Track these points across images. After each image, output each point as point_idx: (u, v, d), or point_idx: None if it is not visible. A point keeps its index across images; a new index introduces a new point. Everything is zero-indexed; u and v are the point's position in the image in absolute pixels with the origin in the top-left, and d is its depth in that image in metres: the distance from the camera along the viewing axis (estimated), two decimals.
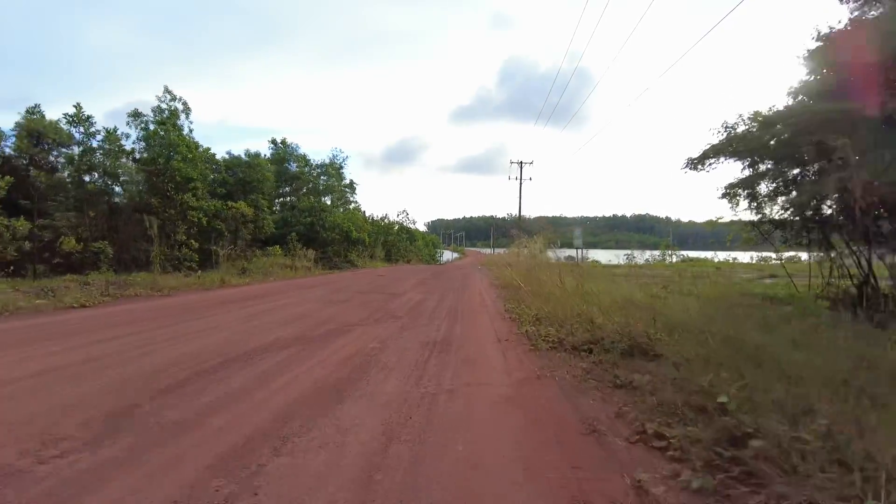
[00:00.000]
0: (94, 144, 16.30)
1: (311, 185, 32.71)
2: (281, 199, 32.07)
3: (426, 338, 5.85)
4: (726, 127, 10.31)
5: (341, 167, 40.33)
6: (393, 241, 42.28)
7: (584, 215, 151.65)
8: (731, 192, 11.61)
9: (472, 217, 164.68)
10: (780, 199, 10.98)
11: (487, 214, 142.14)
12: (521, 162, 33.84)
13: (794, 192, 9.95)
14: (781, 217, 11.28)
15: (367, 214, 45.50)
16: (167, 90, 19.41)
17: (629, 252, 41.77)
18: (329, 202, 35.74)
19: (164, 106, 19.29)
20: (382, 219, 43.54)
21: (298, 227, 30.44)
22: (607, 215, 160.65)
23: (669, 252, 42.38)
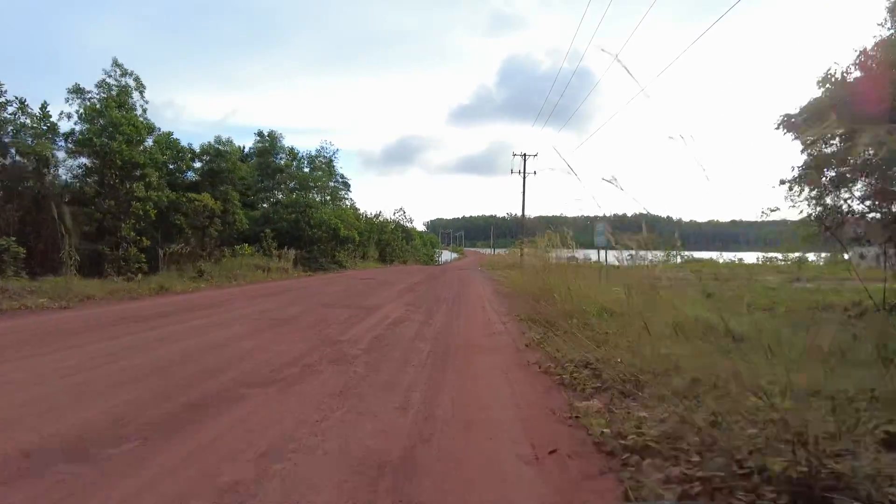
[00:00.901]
0: (6, 117, 13.03)
1: (296, 180, 29.44)
2: (263, 193, 28.83)
3: (371, 443, 2.56)
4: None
5: (331, 160, 37.18)
6: (387, 240, 39.01)
7: (585, 215, 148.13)
8: (802, 176, 8.91)
9: (471, 217, 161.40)
10: (854, 186, 8.91)
11: (487, 214, 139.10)
12: (525, 154, 30.66)
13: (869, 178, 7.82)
14: (853, 208, 9.07)
15: (360, 211, 42.20)
16: (116, 63, 16.17)
17: (631, 251, 44.45)
18: (318, 198, 32.51)
19: (111, 81, 16.07)
20: (376, 216, 40.25)
21: (281, 225, 27.30)
22: (607, 215, 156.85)
23: (675, 252, 44.00)
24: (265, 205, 28.29)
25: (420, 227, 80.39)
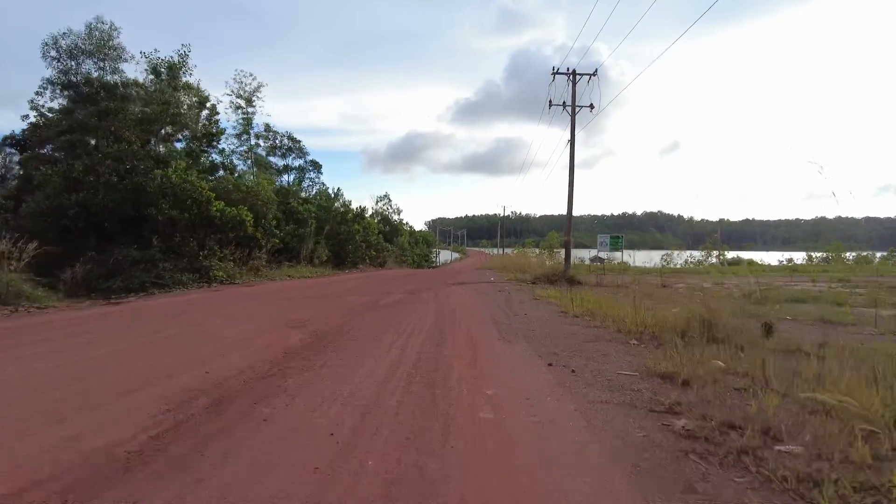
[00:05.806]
0: None
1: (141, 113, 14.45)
2: (73, 134, 13.87)
3: None
4: None
5: (251, 99, 22.09)
6: (345, 234, 23.72)
7: (592, 213, 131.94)
8: None
9: (474, 216, 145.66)
10: None
11: (490, 213, 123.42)
12: (574, 72, 15.48)
13: None
14: None
15: (325, 190, 27.06)
16: None
17: (667, 252, 33.39)
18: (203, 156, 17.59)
19: None
20: (333, 196, 25.06)
21: (105, 196, 12.58)
22: (616, 213, 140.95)
23: (717, 253, 31.36)
24: (79, 162, 13.24)
25: (420, 227, 64.77)
